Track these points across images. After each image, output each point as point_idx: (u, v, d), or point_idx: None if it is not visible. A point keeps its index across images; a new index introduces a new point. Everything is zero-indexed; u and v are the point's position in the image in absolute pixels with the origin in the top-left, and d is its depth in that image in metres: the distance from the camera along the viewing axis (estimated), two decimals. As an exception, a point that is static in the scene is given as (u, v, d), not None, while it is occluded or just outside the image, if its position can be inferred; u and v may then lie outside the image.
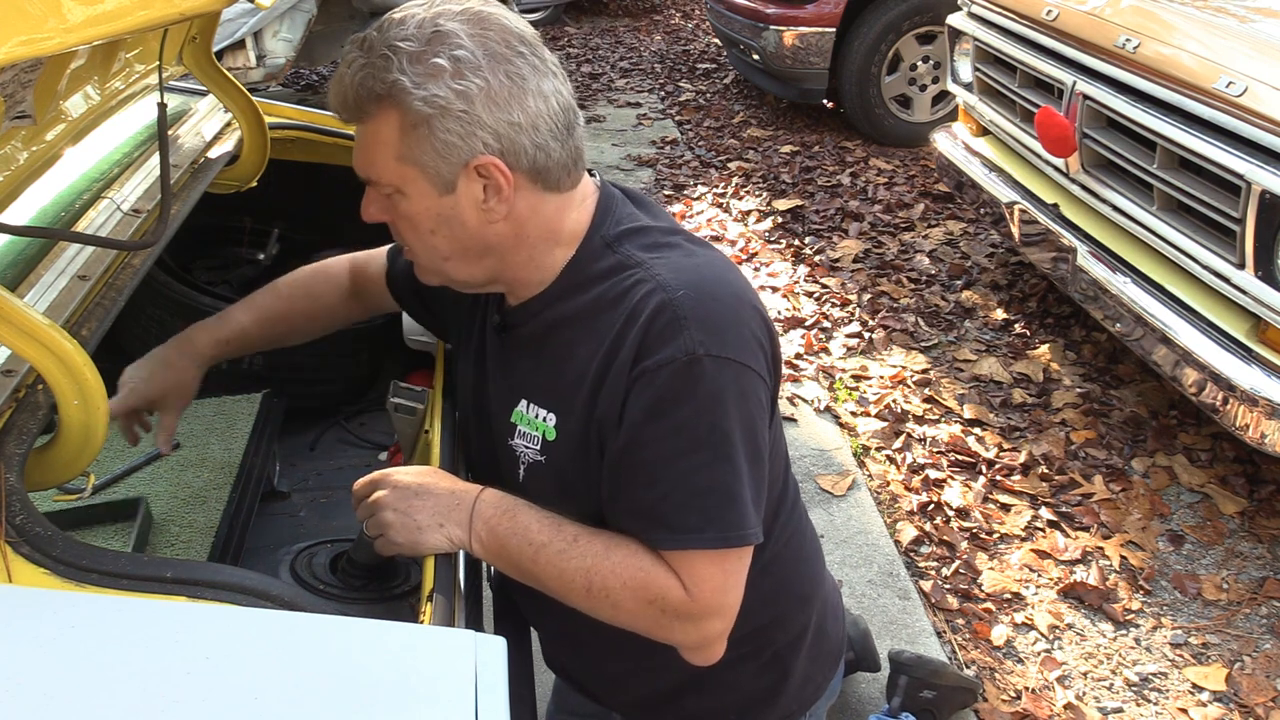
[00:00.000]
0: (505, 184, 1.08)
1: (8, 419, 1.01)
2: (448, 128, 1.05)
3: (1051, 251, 2.98)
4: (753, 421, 1.09)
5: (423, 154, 1.06)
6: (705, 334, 1.05)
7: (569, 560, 1.09)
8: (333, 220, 2.22)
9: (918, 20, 5.11)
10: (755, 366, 1.09)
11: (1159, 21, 2.65)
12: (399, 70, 1.02)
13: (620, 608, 1.09)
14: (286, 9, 5.06)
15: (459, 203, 1.09)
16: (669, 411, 1.05)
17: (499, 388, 1.22)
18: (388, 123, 1.04)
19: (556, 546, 1.10)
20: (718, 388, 1.05)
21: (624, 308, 1.09)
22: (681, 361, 1.04)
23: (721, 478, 1.05)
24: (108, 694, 0.77)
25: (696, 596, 1.07)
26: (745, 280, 1.17)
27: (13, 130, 1.28)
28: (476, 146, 1.06)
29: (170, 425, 1.40)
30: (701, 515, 1.05)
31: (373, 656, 0.85)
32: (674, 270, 1.09)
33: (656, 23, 9.17)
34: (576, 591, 1.10)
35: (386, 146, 1.06)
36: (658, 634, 1.10)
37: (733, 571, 1.09)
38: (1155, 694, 2.16)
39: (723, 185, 5.05)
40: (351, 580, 1.19)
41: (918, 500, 2.74)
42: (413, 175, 1.07)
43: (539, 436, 1.15)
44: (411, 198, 1.08)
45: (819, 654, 1.38)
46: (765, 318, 1.15)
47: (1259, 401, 2.18)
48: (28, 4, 0.75)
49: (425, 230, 1.10)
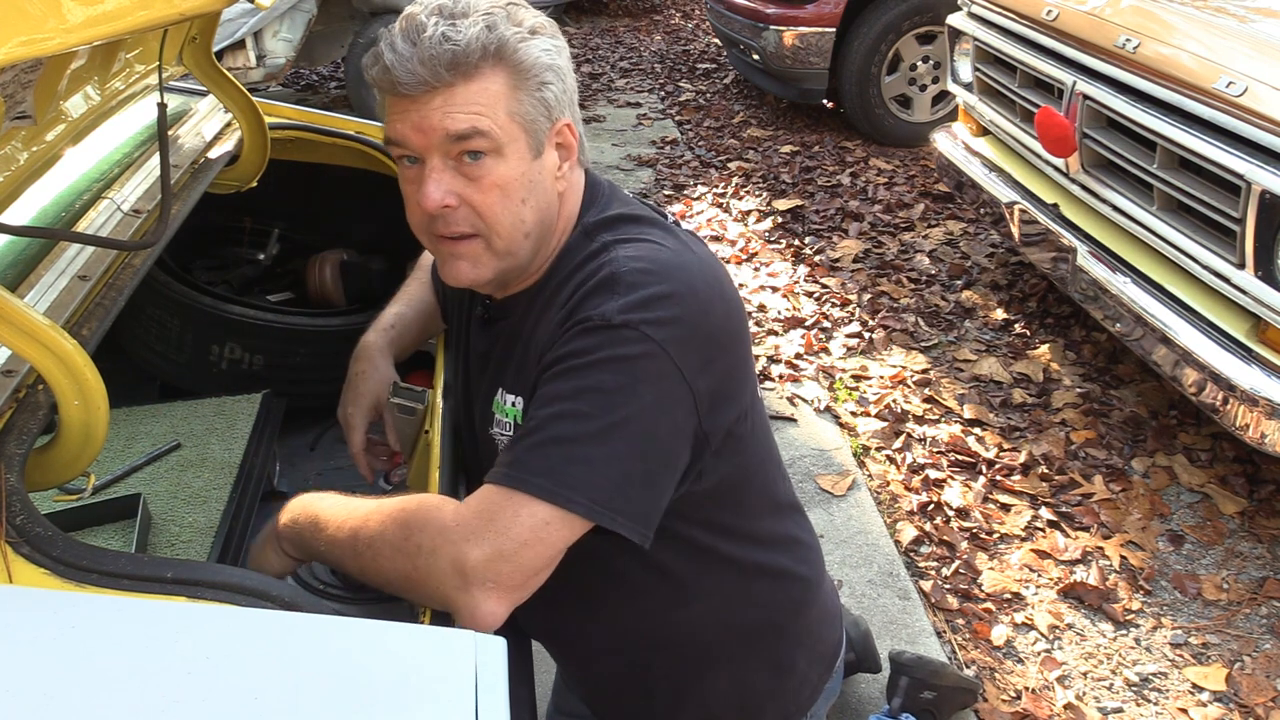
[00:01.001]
0: (574, 150, 1.10)
1: (8, 419, 1.01)
2: (549, 85, 1.06)
3: (1051, 251, 2.98)
4: (654, 419, 1.02)
5: (530, 110, 1.05)
6: (642, 310, 1.02)
7: (345, 526, 1.05)
8: (333, 220, 2.23)
9: (918, 20, 5.11)
10: (684, 367, 1.03)
11: (1159, 21, 2.65)
12: (504, 26, 1.03)
13: (380, 554, 1.01)
14: (286, 9, 5.06)
15: (544, 168, 1.09)
16: (576, 370, 1.02)
17: (482, 380, 1.22)
18: (496, 79, 1.03)
19: (340, 516, 1.07)
20: (633, 365, 1.01)
21: (578, 281, 1.09)
22: (604, 322, 1.01)
23: (592, 447, 0.99)
24: (108, 694, 0.77)
25: (460, 518, 0.98)
26: (719, 286, 1.11)
27: (13, 130, 1.28)
28: (564, 109, 1.08)
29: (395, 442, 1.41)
30: (545, 462, 0.99)
31: (373, 656, 0.85)
32: (635, 253, 1.09)
33: (656, 23, 9.17)
34: (347, 554, 1.04)
35: (498, 102, 1.04)
36: (415, 578, 0.99)
37: (532, 524, 0.97)
38: (1155, 694, 2.16)
39: (723, 185, 5.05)
40: (351, 580, 1.19)
41: (918, 500, 2.74)
42: (517, 134, 1.05)
43: (511, 422, 1.15)
44: (510, 160, 1.05)
45: (814, 657, 1.37)
46: (726, 330, 1.09)
47: (1259, 401, 2.18)
48: (28, 4, 0.75)
49: (517, 199, 1.07)
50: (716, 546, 1.21)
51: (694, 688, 1.28)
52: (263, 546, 1.16)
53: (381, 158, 1.97)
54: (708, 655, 1.27)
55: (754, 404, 1.20)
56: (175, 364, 1.93)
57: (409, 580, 1.00)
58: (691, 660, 1.27)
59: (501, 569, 0.97)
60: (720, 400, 1.09)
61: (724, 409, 1.11)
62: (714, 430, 1.10)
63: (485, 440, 1.20)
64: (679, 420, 1.05)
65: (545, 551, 0.99)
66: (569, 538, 1.00)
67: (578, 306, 1.05)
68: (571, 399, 1.01)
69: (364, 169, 2.03)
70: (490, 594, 0.96)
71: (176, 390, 1.93)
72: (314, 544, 1.08)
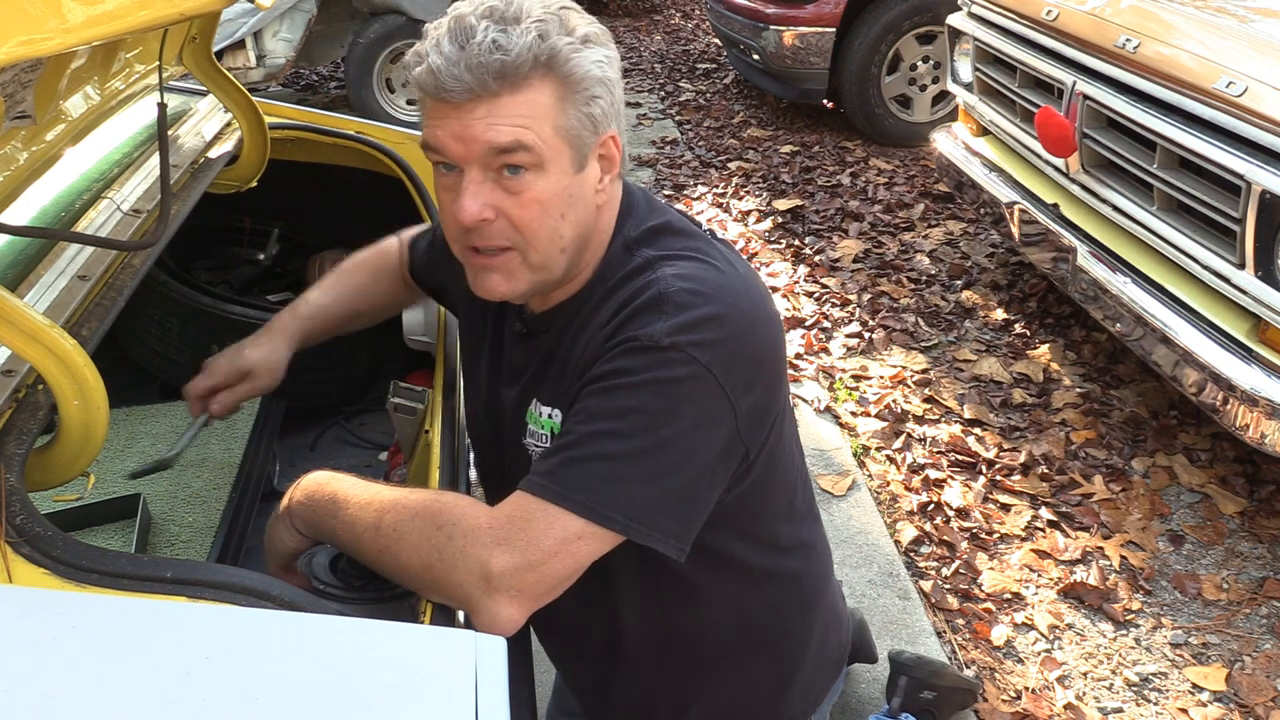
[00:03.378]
0: (617, 163, 1.07)
1: (8, 419, 1.01)
2: (599, 99, 1.03)
3: (1051, 251, 2.98)
4: (696, 440, 1.02)
5: (576, 125, 1.02)
6: (690, 333, 1.01)
7: (369, 506, 1.03)
8: (333, 220, 2.23)
9: (918, 20, 5.11)
10: (728, 389, 1.02)
11: (1159, 21, 2.65)
12: (556, 36, 0.99)
13: (403, 540, 0.99)
14: (286, 9, 5.06)
15: (586, 183, 1.06)
16: (621, 389, 1.01)
17: (515, 391, 1.20)
18: (544, 91, 1.00)
19: (362, 497, 1.05)
20: (678, 387, 1.00)
21: (625, 297, 1.07)
22: (652, 343, 1.00)
23: (632, 465, 0.99)
24: (108, 694, 0.77)
25: (493, 522, 0.98)
26: (764, 306, 1.10)
27: (13, 130, 1.28)
28: (611, 121, 1.05)
29: (241, 395, 1.38)
30: (585, 478, 0.98)
31: (373, 656, 0.85)
32: (682, 271, 1.07)
33: (656, 23, 9.17)
34: (366, 533, 1.02)
35: (545, 116, 1.00)
36: (438, 571, 0.98)
37: (563, 537, 0.97)
38: (1155, 694, 2.16)
39: (723, 185, 5.05)
40: (351, 580, 1.19)
41: (918, 500, 2.74)
42: (561, 149, 1.02)
43: (547, 434, 1.13)
44: (551, 175, 1.02)
45: (821, 662, 1.36)
46: (771, 350, 1.09)
47: (1259, 401, 2.18)
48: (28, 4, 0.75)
49: (556, 214, 1.03)
50: (730, 550, 1.21)
51: (701, 689, 1.27)
52: (274, 524, 1.13)
53: (381, 158, 1.97)
54: (715, 657, 1.27)
55: (784, 412, 1.19)
56: (175, 364, 1.94)
57: (429, 572, 0.99)
58: (699, 662, 1.27)
59: (526, 578, 0.97)
60: (760, 415, 1.09)
61: (762, 425, 1.11)
62: (753, 445, 1.10)
63: (517, 449, 1.18)
64: (720, 439, 1.04)
65: (572, 564, 0.99)
66: (598, 552, 1.00)
67: (624, 325, 1.03)
68: (615, 418, 1.00)
69: (364, 169, 2.03)
70: (512, 601, 0.97)
71: (177, 390, 1.93)
72: (330, 523, 1.06)
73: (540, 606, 1.00)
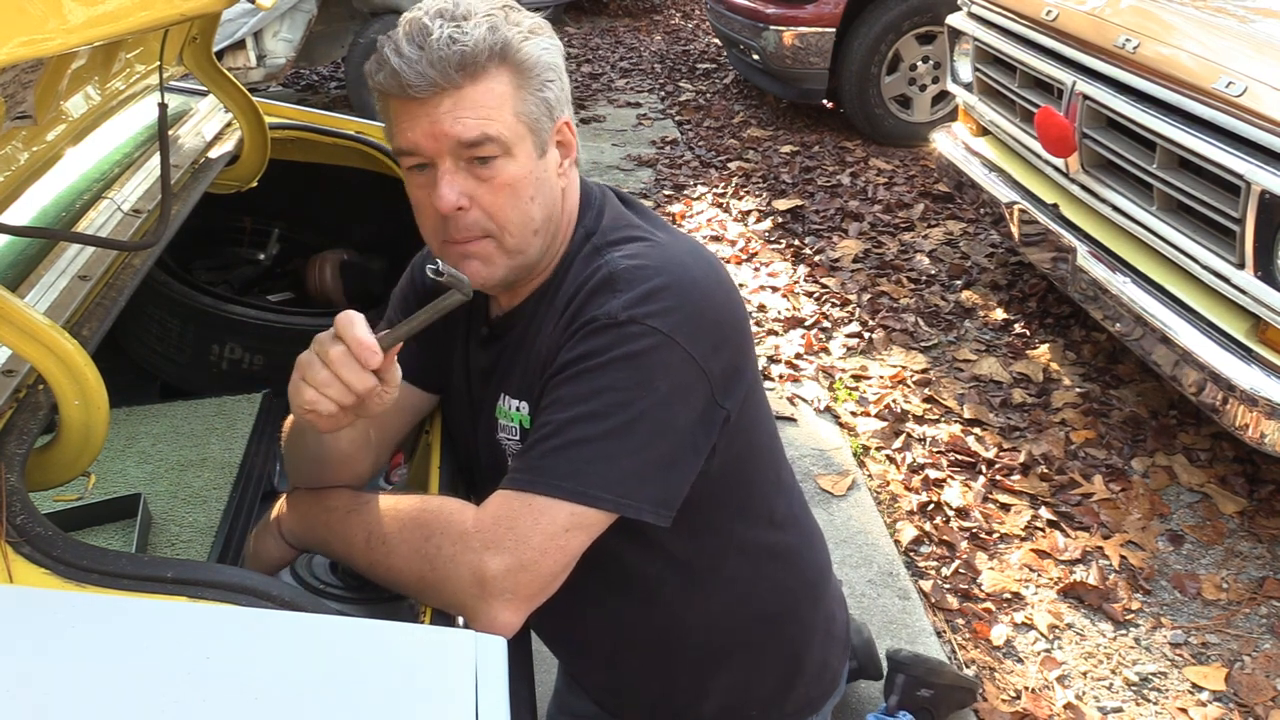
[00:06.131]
0: (573, 148, 1.12)
1: (8, 419, 1.01)
2: (551, 84, 1.08)
3: (1051, 251, 2.98)
4: (672, 409, 1.04)
5: (534, 110, 1.07)
6: (645, 304, 1.04)
7: (358, 517, 1.05)
8: (332, 220, 2.23)
9: (918, 20, 5.11)
10: (695, 353, 1.05)
11: (1159, 21, 2.65)
12: (506, 28, 1.05)
13: (394, 553, 1.01)
14: (286, 9, 5.06)
15: (549, 166, 1.11)
16: (590, 371, 1.03)
17: (486, 391, 1.23)
18: (501, 80, 1.05)
19: (350, 507, 1.07)
20: (646, 359, 1.03)
21: (577, 284, 1.10)
22: (611, 320, 1.04)
23: (612, 443, 1.01)
24: (108, 694, 0.77)
25: (479, 525, 0.99)
26: (715, 273, 1.14)
27: (13, 130, 1.28)
28: (564, 107, 1.11)
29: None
30: (568, 465, 1.00)
31: (373, 656, 0.85)
32: (628, 251, 1.11)
33: (656, 23, 9.17)
34: (357, 545, 1.04)
35: (505, 103, 1.05)
36: (431, 580, 1.00)
37: (551, 530, 0.98)
38: (1155, 694, 2.16)
39: (723, 185, 5.05)
40: (351, 580, 1.19)
41: (917, 500, 2.74)
42: (524, 133, 1.07)
43: (516, 427, 1.16)
44: (518, 159, 1.07)
45: (830, 639, 1.38)
46: (729, 312, 1.12)
47: (1259, 401, 2.18)
48: (28, 4, 0.75)
49: (526, 197, 1.08)
50: (726, 527, 1.22)
51: (715, 679, 1.28)
52: (261, 534, 1.15)
53: (381, 158, 1.97)
54: (727, 645, 1.28)
55: (756, 379, 1.22)
56: (175, 364, 1.94)
57: (423, 582, 1.01)
58: (711, 651, 1.27)
59: (520, 579, 0.98)
60: (733, 378, 1.12)
61: (736, 387, 1.14)
62: (732, 408, 1.13)
63: (492, 446, 1.21)
64: (697, 403, 1.07)
65: (562, 558, 1.00)
66: (586, 541, 1.02)
67: (580, 309, 1.07)
68: (587, 400, 1.02)
69: (364, 169, 2.03)
70: (508, 605, 0.98)
71: (176, 390, 1.93)
72: (321, 534, 1.08)
73: (536, 606, 1.01)
